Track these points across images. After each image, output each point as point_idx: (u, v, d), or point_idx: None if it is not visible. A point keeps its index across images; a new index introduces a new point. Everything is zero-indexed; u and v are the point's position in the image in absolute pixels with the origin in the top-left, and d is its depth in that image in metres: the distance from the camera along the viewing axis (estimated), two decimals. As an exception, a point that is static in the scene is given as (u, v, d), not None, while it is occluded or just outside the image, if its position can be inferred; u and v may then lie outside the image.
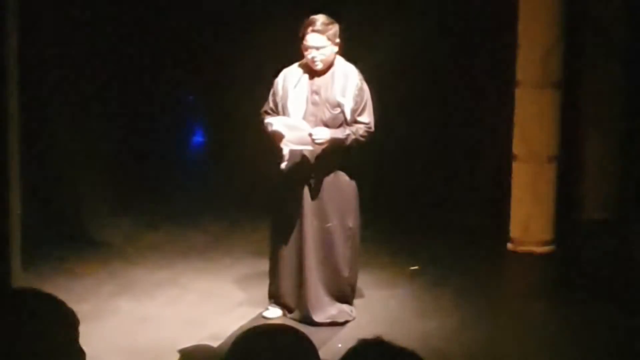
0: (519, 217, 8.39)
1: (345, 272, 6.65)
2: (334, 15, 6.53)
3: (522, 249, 8.34)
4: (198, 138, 11.73)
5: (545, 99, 8.24)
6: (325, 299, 6.63)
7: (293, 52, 6.56)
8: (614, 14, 8.93)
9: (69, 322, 2.62)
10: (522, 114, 8.29)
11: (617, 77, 9.02)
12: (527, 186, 8.32)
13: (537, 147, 8.28)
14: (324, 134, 6.34)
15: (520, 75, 8.26)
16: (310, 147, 6.38)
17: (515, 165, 8.40)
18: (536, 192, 8.29)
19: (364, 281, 7.35)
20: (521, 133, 8.30)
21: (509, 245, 8.42)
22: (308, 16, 6.45)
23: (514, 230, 8.42)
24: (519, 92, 8.29)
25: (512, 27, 8.27)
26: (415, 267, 7.92)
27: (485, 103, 9.22)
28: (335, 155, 6.44)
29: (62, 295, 2.68)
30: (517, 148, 8.37)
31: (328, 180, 6.52)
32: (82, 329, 2.66)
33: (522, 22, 8.20)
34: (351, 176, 6.58)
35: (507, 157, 8.47)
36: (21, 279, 5.99)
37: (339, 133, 6.39)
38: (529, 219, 8.32)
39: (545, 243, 8.36)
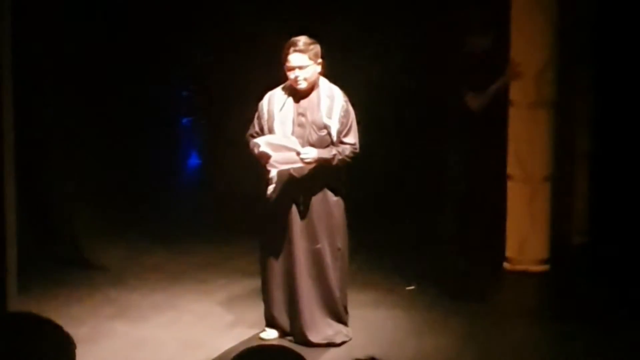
0: (515, 236, 8.37)
1: (337, 292, 6.66)
2: (317, 36, 6.59)
3: (518, 268, 8.32)
4: (192, 161, 11.77)
5: (539, 118, 8.23)
6: (320, 319, 6.63)
7: (280, 75, 6.59)
8: (580, 39, 8.96)
9: (65, 346, 2.63)
10: (516, 134, 8.28)
11: (586, 104, 9.07)
12: (522, 206, 8.29)
13: (531, 167, 8.26)
14: (312, 153, 6.38)
15: (513, 95, 8.25)
16: (298, 165, 6.41)
17: (510, 185, 8.37)
18: (532, 211, 8.27)
19: (360, 301, 7.36)
20: (515, 153, 8.29)
21: (506, 265, 8.40)
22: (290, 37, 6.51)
23: (510, 250, 8.41)
24: (512, 112, 8.27)
25: (505, 47, 8.26)
26: (412, 287, 7.92)
27: (479, 122, 9.19)
28: (322, 175, 6.48)
29: (58, 319, 2.69)
30: (511, 168, 8.34)
31: (316, 201, 6.54)
32: (79, 353, 2.67)
33: (514, 42, 8.20)
34: (339, 196, 6.61)
35: (502, 177, 8.44)
36: (17, 302, 5.99)
37: (326, 153, 6.44)
38: (525, 238, 8.30)
39: (541, 262, 8.34)
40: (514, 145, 8.30)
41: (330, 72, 6.66)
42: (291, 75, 6.47)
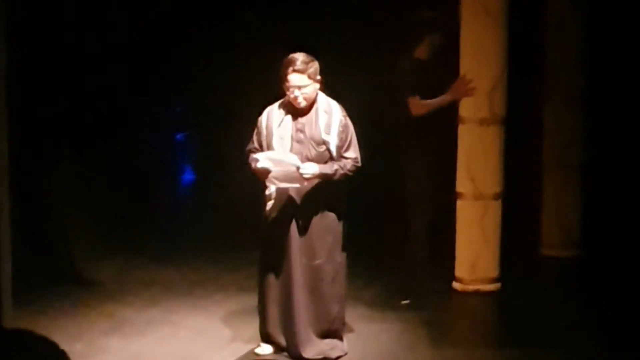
0: (465, 256, 8.16)
1: (336, 307, 6.64)
2: (314, 50, 6.57)
3: (469, 288, 8.14)
4: (188, 176, 11.79)
5: (489, 135, 8.02)
6: (315, 334, 6.61)
7: (277, 90, 6.59)
8: (570, 52, 8.95)
9: (61, 362, 2.64)
10: (466, 151, 8.08)
11: (577, 116, 9.07)
12: (473, 224, 8.10)
13: (482, 185, 8.06)
14: (312, 169, 6.37)
15: (463, 111, 8.04)
16: (297, 185, 6.40)
17: (459, 204, 8.15)
18: (483, 229, 8.09)
19: (355, 315, 7.36)
20: (466, 171, 8.08)
21: (455, 285, 8.21)
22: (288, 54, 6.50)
23: (460, 270, 8.19)
24: (462, 129, 8.07)
25: (454, 63, 8.05)
26: (407, 301, 7.93)
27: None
28: (321, 191, 6.45)
29: (53, 335, 2.70)
30: (461, 186, 8.13)
31: (315, 216, 6.52)
32: (74, 369, 2.68)
33: (464, 59, 8.00)
34: (336, 210, 6.60)
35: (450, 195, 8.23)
36: (13, 318, 5.99)
37: (328, 168, 6.42)
38: (477, 258, 8.11)
39: (492, 281, 8.17)
40: (464, 163, 8.09)
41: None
42: (291, 94, 6.44)
